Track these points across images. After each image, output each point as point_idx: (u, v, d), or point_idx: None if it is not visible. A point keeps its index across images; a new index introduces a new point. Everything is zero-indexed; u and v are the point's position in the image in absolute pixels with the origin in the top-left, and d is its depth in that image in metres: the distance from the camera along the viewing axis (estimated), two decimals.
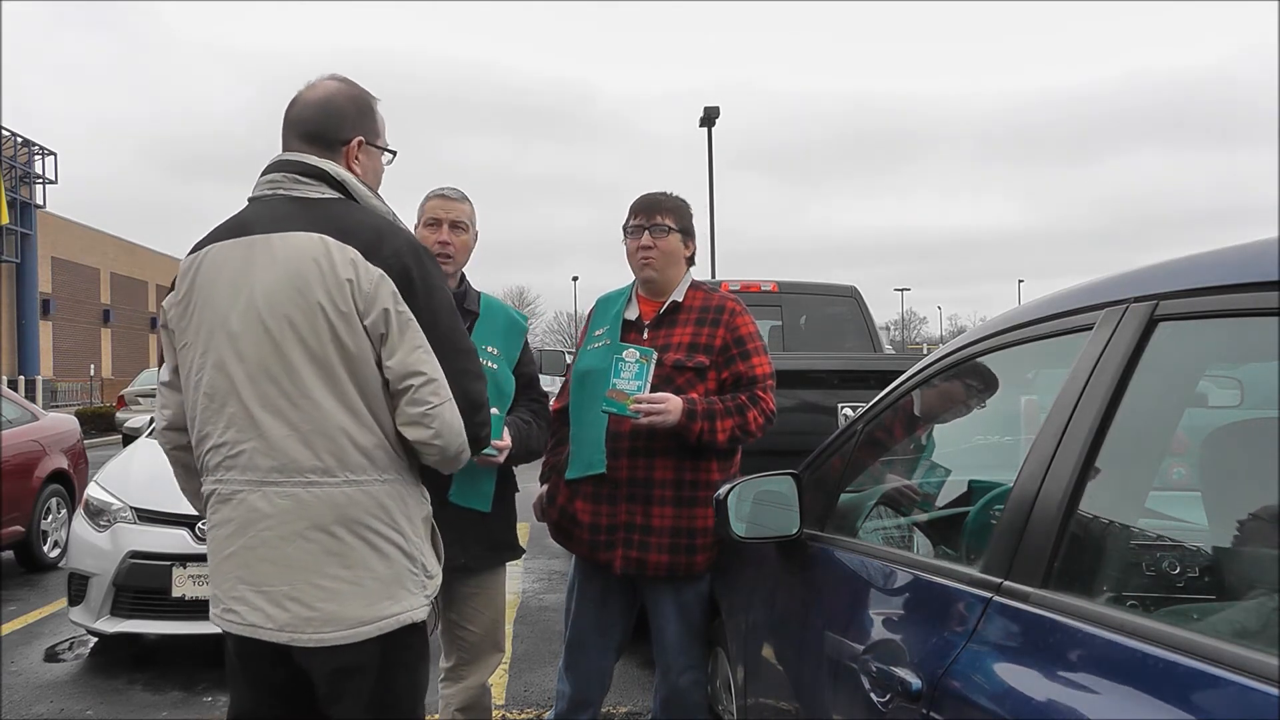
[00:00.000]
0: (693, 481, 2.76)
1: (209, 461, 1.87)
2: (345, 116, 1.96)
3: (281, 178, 1.90)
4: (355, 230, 1.82)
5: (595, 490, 2.80)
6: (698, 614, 2.89)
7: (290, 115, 1.96)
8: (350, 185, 1.91)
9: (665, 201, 2.88)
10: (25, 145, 31.38)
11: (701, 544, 2.77)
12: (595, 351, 2.87)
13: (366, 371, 1.80)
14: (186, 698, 4.26)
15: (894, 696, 1.61)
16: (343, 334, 1.78)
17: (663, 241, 2.83)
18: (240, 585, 1.81)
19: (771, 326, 6.88)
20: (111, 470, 5.17)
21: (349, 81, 2.01)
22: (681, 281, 2.91)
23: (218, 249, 1.88)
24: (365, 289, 1.78)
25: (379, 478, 1.81)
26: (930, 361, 2.09)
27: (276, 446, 1.78)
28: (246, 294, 1.82)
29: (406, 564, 1.84)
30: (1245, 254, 1.28)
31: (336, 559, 1.78)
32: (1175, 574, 1.39)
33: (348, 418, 1.79)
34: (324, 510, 1.77)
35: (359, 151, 1.97)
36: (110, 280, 39.37)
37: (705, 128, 20.26)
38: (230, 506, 1.83)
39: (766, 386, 2.79)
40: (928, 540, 2.14)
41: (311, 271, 1.78)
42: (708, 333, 2.80)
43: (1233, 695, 1.04)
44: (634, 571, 2.79)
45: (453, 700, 2.80)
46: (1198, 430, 1.59)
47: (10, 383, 24.79)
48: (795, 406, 4.20)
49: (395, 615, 1.81)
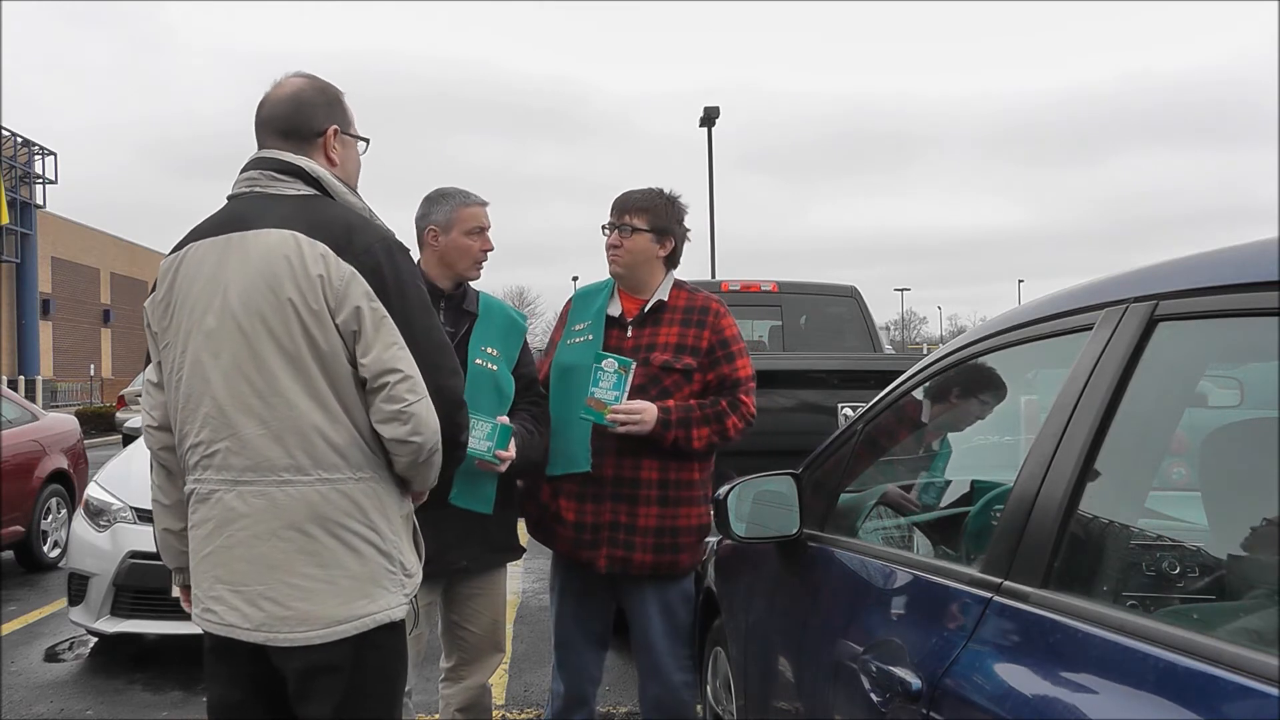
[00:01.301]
0: (677, 481, 2.76)
1: (188, 461, 1.87)
2: (316, 107, 1.97)
3: (258, 175, 1.91)
4: (327, 226, 1.82)
5: (580, 488, 2.78)
6: (683, 614, 2.88)
7: (262, 114, 1.97)
8: (326, 181, 1.91)
9: (638, 201, 2.84)
10: (25, 145, 31.38)
11: (685, 543, 2.77)
12: (576, 347, 2.86)
13: (339, 369, 1.79)
14: (186, 698, 4.26)
15: (894, 696, 1.61)
16: (314, 331, 1.77)
17: (628, 241, 2.82)
18: (218, 585, 1.81)
19: (771, 326, 6.88)
20: (111, 470, 5.17)
21: (314, 76, 2.03)
22: (664, 281, 2.89)
23: (195, 248, 1.89)
24: (336, 285, 1.77)
25: (353, 476, 1.80)
26: (930, 361, 2.09)
27: (250, 445, 1.78)
28: (221, 292, 1.82)
29: (383, 562, 1.83)
30: (1245, 254, 1.28)
31: (311, 558, 1.77)
32: (1175, 574, 1.39)
33: (321, 415, 1.78)
34: (298, 509, 1.77)
35: (335, 141, 1.98)
36: (110, 280, 39.37)
37: (705, 128, 20.26)
38: (208, 506, 1.83)
39: (748, 389, 2.80)
40: (928, 540, 2.14)
41: (283, 269, 1.78)
42: (693, 334, 2.80)
43: (1233, 695, 1.04)
44: (618, 571, 2.78)
45: (453, 700, 2.81)
46: (1198, 430, 1.59)
47: (10, 383, 24.79)
48: (795, 406, 4.20)
49: (371, 614, 1.80)
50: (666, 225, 2.86)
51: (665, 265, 2.90)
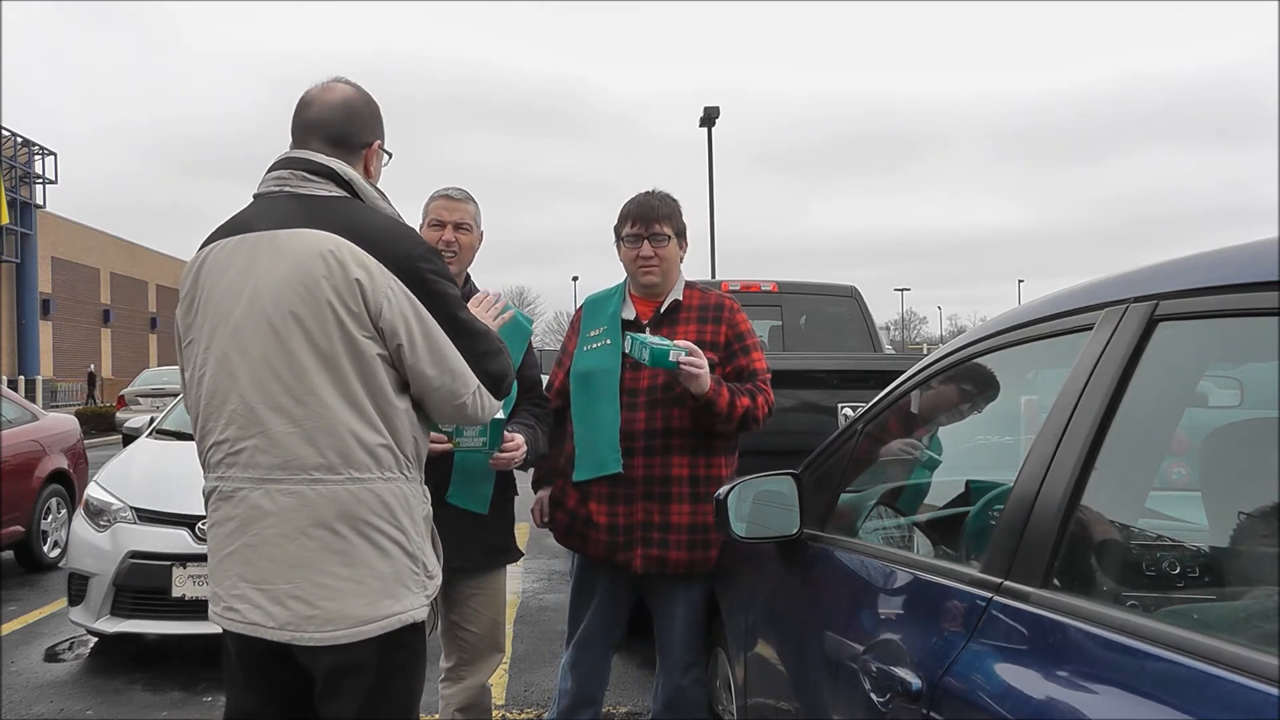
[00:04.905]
0: (706, 477, 2.78)
1: (210, 459, 1.86)
2: (366, 119, 1.99)
3: (289, 174, 1.90)
4: (366, 230, 1.83)
5: (610, 491, 2.79)
6: (703, 611, 2.91)
7: (308, 117, 1.96)
8: (357, 185, 1.92)
9: (661, 208, 2.86)
10: (25, 145, 31.39)
11: (715, 539, 2.79)
12: (595, 352, 2.87)
13: (375, 371, 1.80)
14: (186, 698, 4.26)
15: (894, 696, 1.61)
16: (353, 333, 1.78)
17: (663, 250, 2.84)
18: (241, 583, 1.81)
19: (771, 326, 6.87)
20: (111, 470, 5.18)
21: (359, 86, 2.04)
22: (678, 281, 2.92)
23: (221, 246, 1.89)
24: (378, 290, 1.78)
25: (382, 476, 1.81)
26: (930, 361, 2.09)
27: (279, 443, 1.78)
28: (251, 290, 1.81)
29: (408, 563, 1.84)
30: (1245, 254, 1.28)
31: (339, 557, 1.77)
32: (1175, 574, 1.39)
33: (354, 417, 1.78)
34: (327, 507, 1.77)
35: (375, 154, 2.01)
36: (110, 280, 39.37)
37: (705, 128, 20.25)
38: (231, 504, 1.82)
39: (766, 380, 2.84)
40: (928, 540, 2.14)
41: (320, 269, 1.78)
42: (711, 330, 2.83)
43: (1233, 695, 1.04)
44: (654, 570, 2.79)
45: (453, 700, 2.80)
46: (1198, 430, 1.59)
47: (10, 383, 24.78)
48: (795, 406, 4.20)
49: (396, 615, 1.81)
50: (682, 226, 2.92)
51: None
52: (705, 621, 2.93)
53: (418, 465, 1.91)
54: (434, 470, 2.54)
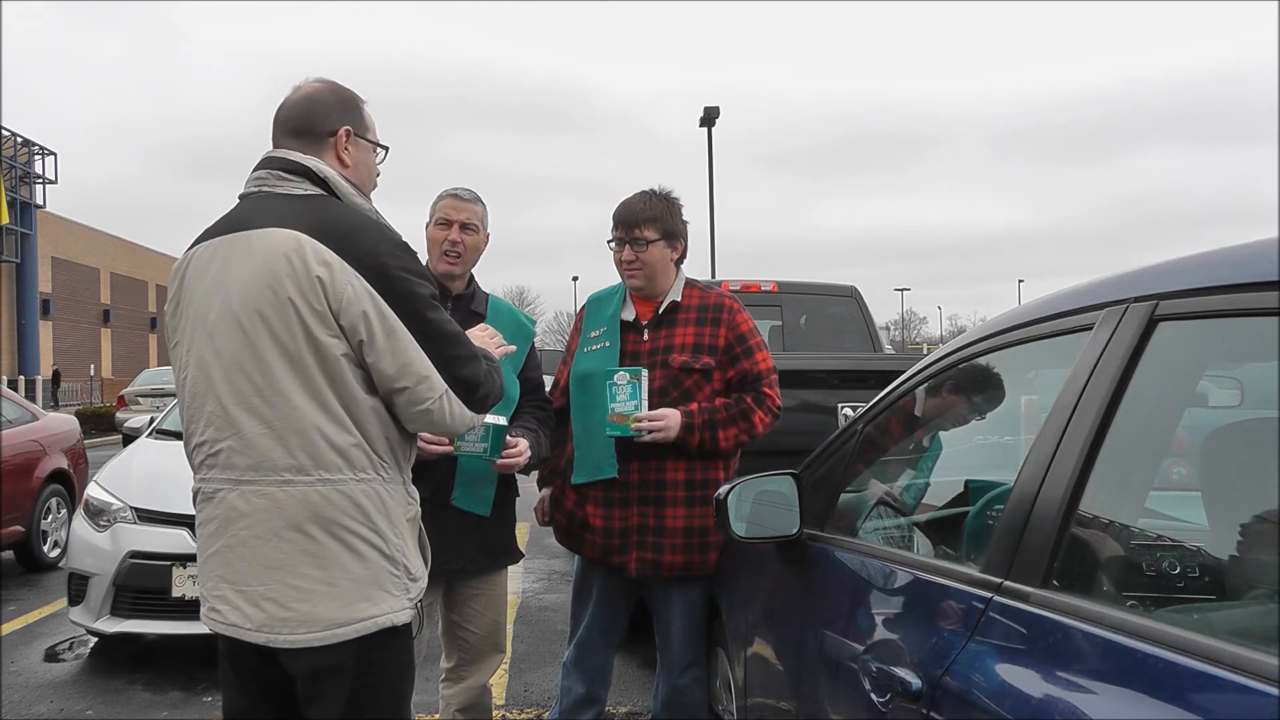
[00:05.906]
0: (704, 481, 2.78)
1: (194, 460, 1.87)
2: (329, 107, 1.96)
3: (266, 174, 1.90)
4: (334, 226, 1.81)
5: (606, 494, 2.80)
6: (702, 611, 2.91)
7: (278, 116, 1.97)
8: (333, 182, 1.90)
9: (644, 211, 2.83)
10: (25, 145, 31.39)
11: (714, 541, 2.78)
12: (593, 354, 2.88)
13: (341, 370, 1.77)
14: (186, 698, 4.27)
15: (894, 696, 1.61)
16: (316, 332, 1.75)
17: (644, 254, 2.82)
18: (222, 584, 1.81)
19: (771, 326, 6.87)
20: (111, 470, 5.17)
21: (333, 81, 2.02)
22: (676, 281, 2.91)
23: (203, 248, 1.89)
24: (339, 287, 1.75)
25: (354, 477, 1.78)
26: (930, 361, 2.09)
27: (252, 444, 1.77)
28: (224, 290, 1.81)
29: (386, 565, 1.81)
30: (1245, 254, 1.28)
31: (312, 559, 1.76)
32: (1175, 574, 1.39)
33: (322, 416, 1.77)
34: (298, 509, 1.75)
35: (348, 142, 1.96)
36: (110, 280, 39.38)
37: (705, 128, 20.24)
38: (213, 505, 1.82)
39: (771, 381, 2.82)
40: (928, 540, 2.14)
41: (283, 268, 1.76)
42: (709, 332, 2.81)
43: (1233, 695, 1.04)
44: (649, 573, 2.80)
45: (453, 700, 2.81)
46: (1198, 430, 1.59)
47: (10, 383, 24.78)
48: (795, 406, 4.19)
49: (373, 618, 1.78)
50: (674, 228, 2.87)
51: (677, 266, 2.92)
52: (705, 621, 2.93)
53: (396, 465, 1.86)
54: (437, 473, 2.54)
